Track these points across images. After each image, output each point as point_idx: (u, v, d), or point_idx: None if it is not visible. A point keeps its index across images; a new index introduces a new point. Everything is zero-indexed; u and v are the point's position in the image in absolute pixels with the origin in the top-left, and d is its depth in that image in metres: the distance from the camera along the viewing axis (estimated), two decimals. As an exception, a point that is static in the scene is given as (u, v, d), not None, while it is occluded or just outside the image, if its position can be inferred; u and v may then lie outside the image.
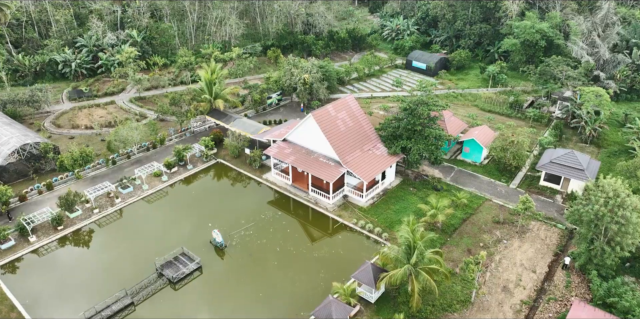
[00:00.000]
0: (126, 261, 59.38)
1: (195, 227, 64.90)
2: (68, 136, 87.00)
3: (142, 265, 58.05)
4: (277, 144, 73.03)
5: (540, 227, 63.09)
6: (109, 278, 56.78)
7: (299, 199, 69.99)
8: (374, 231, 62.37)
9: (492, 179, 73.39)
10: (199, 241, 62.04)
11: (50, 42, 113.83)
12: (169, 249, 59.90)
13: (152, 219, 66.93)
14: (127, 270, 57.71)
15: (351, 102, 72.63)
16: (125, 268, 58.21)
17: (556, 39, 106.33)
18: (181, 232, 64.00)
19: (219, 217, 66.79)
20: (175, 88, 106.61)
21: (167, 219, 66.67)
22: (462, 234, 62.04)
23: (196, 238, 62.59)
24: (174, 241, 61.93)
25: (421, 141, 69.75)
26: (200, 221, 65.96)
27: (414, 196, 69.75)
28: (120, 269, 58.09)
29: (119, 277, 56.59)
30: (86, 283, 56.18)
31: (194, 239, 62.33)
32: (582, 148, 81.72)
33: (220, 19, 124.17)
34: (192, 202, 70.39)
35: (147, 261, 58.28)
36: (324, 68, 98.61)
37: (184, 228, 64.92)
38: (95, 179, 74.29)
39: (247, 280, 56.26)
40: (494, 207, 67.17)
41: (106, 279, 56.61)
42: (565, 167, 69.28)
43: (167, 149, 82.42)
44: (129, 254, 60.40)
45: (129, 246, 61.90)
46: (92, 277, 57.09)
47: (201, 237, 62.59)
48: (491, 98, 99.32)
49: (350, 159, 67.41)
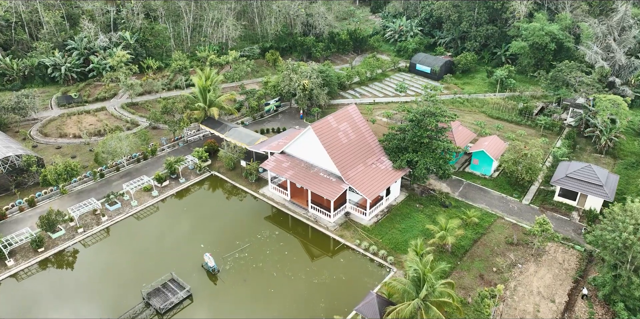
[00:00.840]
0: (111, 287, 54.90)
1: (187, 248, 60.44)
2: (55, 146, 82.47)
3: (128, 292, 53.67)
4: (274, 157, 68.56)
5: (557, 249, 58.64)
6: (92, 307, 52.38)
7: (298, 216, 65.54)
8: (378, 253, 57.91)
9: (503, 194, 68.93)
10: (190, 264, 57.62)
11: (39, 44, 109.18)
12: (157, 273, 55.52)
13: (140, 238, 62.48)
14: (111, 298, 53.33)
15: (353, 112, 68.11)
16: (110, 295, 53.81)
17: (566, 41, 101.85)
18: (171, 254, 59.55)
19: (212, 236, 62.40)
20: (169, 93, 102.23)
21: (156, 239, 62.25)
22: (473, 257, 57.60)
23: (187, 261, 58.15)
24: (164, 264, 57.55)
25: (428, 154, 65.27)
26: (192, 241, 61.51)
27: (421, 213, 65.30)
28: (105, 296, 53.67)
29: (103, 306, 52.24)
30: (67, 312, 51.74)
31: (184, 262, 57.91)
32: (597, 159, 77.28)
33: (216, 20, 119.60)
34: (184, 219, 65.95)
35: (134, 287, 53.91)
36: (324, 73, 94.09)
37: (175, 249, 60.47)
38: (81, 193, 69.87)
39: (241, 310, 51.73)
40: (506, 226, 62.72)
41: (89, 308, 52.21)
42: (582, 182, 64.85)
43: (159, 160, 77.93)
44: (115, 280, 55.88)
45: (115, 270, 57.36)
46: (74, 305, 52.66)
47: (192, 260, 58.15)
48: (499, 104, 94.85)
49: (352, 175, 62.93)
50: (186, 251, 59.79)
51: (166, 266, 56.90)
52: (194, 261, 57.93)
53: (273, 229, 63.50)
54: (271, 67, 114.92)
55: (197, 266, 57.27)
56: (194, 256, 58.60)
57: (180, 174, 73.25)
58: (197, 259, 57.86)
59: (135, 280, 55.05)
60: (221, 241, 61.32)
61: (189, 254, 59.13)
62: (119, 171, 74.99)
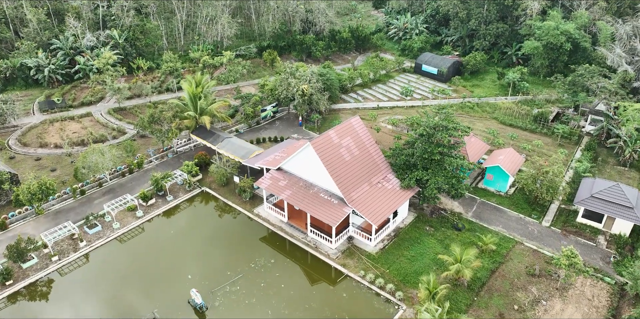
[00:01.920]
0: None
1: (173, 278, 54.41)
2: (34, 157, 76.30)
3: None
4: (270, 174, 62.40)
5: (585, 281, 52.66)
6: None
7: (296, 241, 59.48)
8: (385, 287, 51.82)
9: (521, 215, 62.89)
10: (176, 299, 51.61)
11: (22, 43, 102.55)
12: (139, 310, 49.74)
13: (122, 267, 56.32)
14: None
15: (357, 125, 61.87)
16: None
17: (583, 41, 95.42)
18: (156, 287, 53.52)
19: (202, 264, 56.43)
20: (160, 96, 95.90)
21: (140, 268, 56.17)
22: (491, 292, 51.62)
23: (173, 294, 52.12)
24: (147, 297, 51.72)
25: (440, 172, 59.10)
26: (179, 270, 55.49)
27: (431, 237, 59.25)
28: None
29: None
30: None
31: (169, 297, 51.89)
32: (620, 172, 71.22)
33: (211, 17, 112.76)
34: (171, 244, 59.83)
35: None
36: (324, 76, 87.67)
37: (160, 280, 54.40)
38: (59, 213, 63.78)
39: (232, 355, 46.10)
40: (526, 253, 56.73)
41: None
42: (609, 203, 58.77)
43: (146, 173, 71.75)
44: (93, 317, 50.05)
45: (91, 307, 51.25)
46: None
47: (179, 294, 52.13)
48: (511, 109, 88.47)
49: (356, 196, 56.79)
50: (172, 282, 53.77)
51: (149, 301, 51.07)
52: (181, 295, 51.92)
53: (268, 257, 57.45)
54: (269, 68, 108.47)
55: (183, 301, 51.24)
56: (180, 289, 52.62)
57: (168, 192, 67.14)
58: (184, 293, 51.88)
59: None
60: (211, 271, 55.35)
61: (175, 287, 53.11)
62: (101, 187, 68.85)
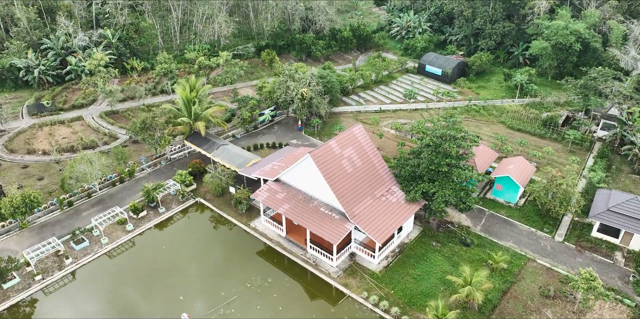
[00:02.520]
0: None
1: (164, 299, 51.11)
2: (21, 165, 72.87)
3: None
4: (268, 185, 58.97)
5: (604, 304, 49.31)
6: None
7: (295, 257, 56.12)
8: (390, 311, 48.48)
9: (532, 229, 59.53)
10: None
11: (12, 43, 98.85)
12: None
13: (109, 287, 52.96)
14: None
15: (359, 134, 58.39)
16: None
17: (593, 41, 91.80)
18: (145, 310, 50.23)
19: (195, 283, 53.10)
20: (154, 98, 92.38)
21: (128, 288, 52.85)
22: (503, 315, 48.29)
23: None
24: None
25: (447, 184, 55.59)
26: (170, 290, 52.17)
27: (438, 253, 55.88)
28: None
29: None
30: None
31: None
32: (635, 181, 67.83)
33: (207, 15, 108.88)
34: (163, 260, 56.46)
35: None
36: (325, 79, 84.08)
37: (150, 301, 51.12)
38: (44, 227, 60.39)
39: None
40: (539, 271, 53.37)
41: None
42: (627, 217, 55.43)
43: (138, 183, 68.32)
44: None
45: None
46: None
47: (170, 317, 48.93)
48: (519, 112, 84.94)
49: (358, 211, 53.37)
50: (163, 304, 50.46)
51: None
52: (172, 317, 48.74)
53: (265, 275, 54.06)
54: (267, 68, 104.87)
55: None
56: (172, 312, 49.32)
57: (160, 203, 63.73)
58: (176, 316, 48.61)
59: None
60: (204, 291, 52.06)
61: (165, 310, 49.80)
62: (90, 198, 65.46)
